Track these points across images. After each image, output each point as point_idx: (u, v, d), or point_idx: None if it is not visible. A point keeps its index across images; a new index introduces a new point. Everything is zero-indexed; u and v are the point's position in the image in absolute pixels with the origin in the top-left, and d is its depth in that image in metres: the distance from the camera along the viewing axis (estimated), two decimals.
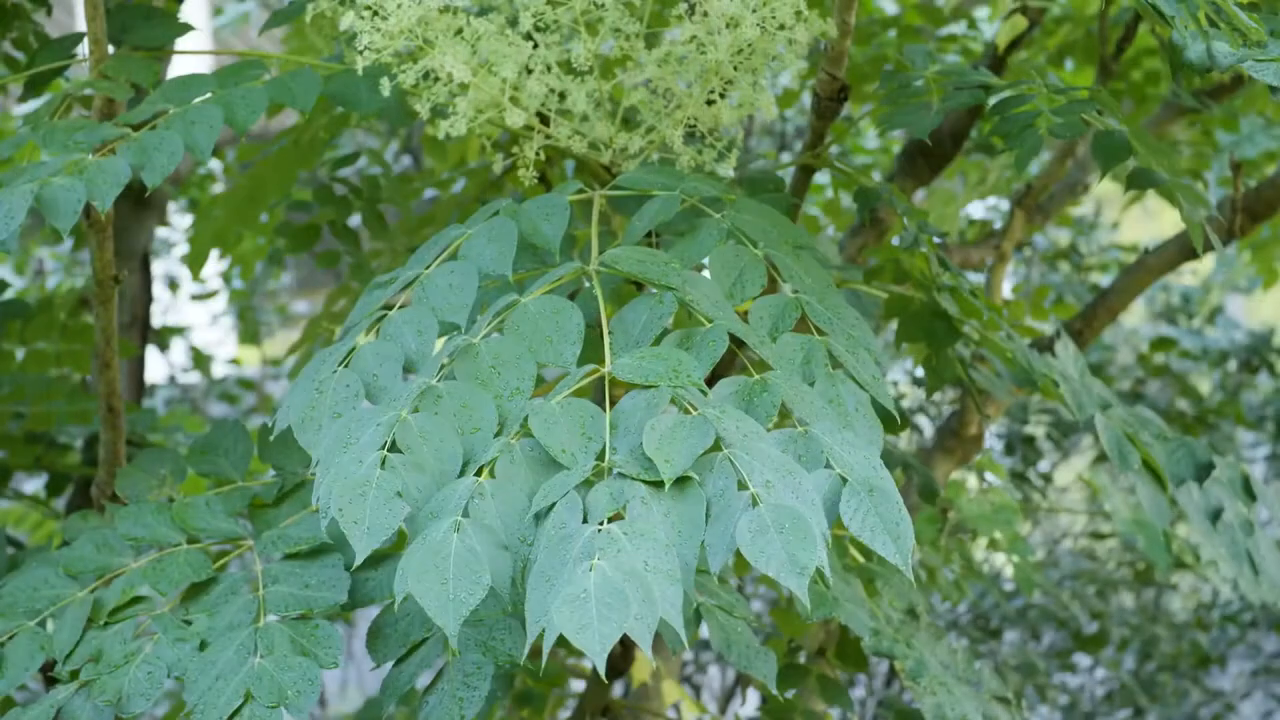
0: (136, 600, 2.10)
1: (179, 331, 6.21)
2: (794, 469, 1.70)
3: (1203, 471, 2.40)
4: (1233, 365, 6.13)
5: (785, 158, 5.63)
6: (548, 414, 1.76)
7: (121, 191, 2.12)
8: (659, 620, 1.60)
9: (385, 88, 2.24)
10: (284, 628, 1.99)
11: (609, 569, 1.61)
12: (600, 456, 1.72)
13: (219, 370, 7.13)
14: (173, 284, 6.97)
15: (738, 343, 1.88)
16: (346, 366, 1.90)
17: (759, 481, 1.67)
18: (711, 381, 1.85)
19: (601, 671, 1.58)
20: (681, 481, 1.68)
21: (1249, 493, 2.41)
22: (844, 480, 1.72)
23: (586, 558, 1.62)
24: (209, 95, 2.26)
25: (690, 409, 1.73)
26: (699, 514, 1.68)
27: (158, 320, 6.72)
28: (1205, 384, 6.34)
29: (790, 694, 2.87)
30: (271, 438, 2.05)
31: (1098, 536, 6.03)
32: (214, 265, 6.78)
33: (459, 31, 2.22)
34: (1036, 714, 5.80)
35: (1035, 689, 5.57)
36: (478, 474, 1.74)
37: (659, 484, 1.68)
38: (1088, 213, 6.11)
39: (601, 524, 1.65)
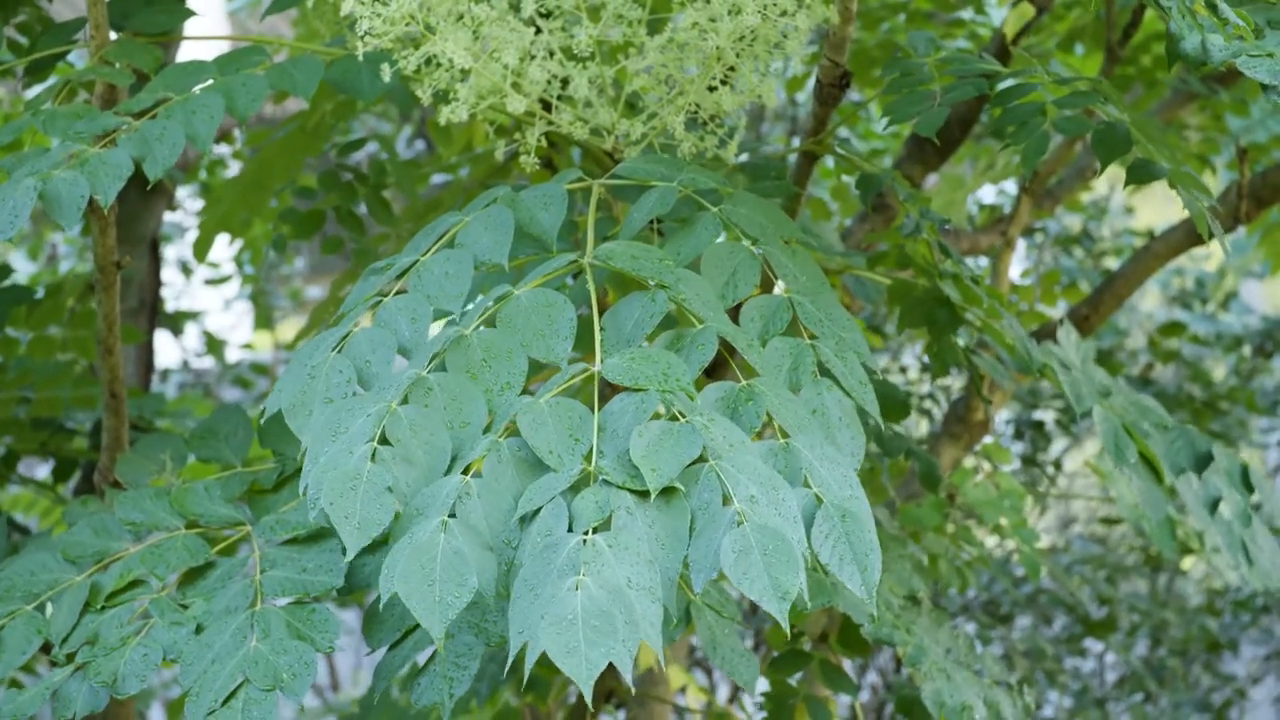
0: (134, 584, 2.11)
1: (192, 316, 6.22)
2: (778, 484, 1.70)
3: (1202, 462, 2.40)
4: (1247, 350, 6.11)
5: (796, 143, 5.62)
6: (536, 414, 1.76)
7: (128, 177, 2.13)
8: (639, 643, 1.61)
9: (386, 74, 2.24)
10: (280, 612, 2.00)
11: (594, 587, 1.61)
12: (588, 459, 1.72)
13: (232, 355, 7.14)
14: (186, 269, 6.98)
15: (729, 344, 1.88)
16: (339, 352, 1.90)
17: (743, 496, 1.67)
18: (710, 373, 1.85)
19: (588, 698, 1.59)
20: (667, 492, 1.69)
21: (1247, 484, 2.41)
22: (819, 501, 1.72)
23: (572, 571, 1.62)
24: (209, 82, 2.26)
25: (678, 416, 1.73)
26: (683, 527, 1.68)
27: (171, 305, 6.74)
28: (1220, 369, 6.32)
29: (795, 679, 2.87)
30: (263, 421, 2.05)
31: (1108, 522, 6.02)
32: (228, 250, 6.79)
33: (460, 17, 2.21)
34: (1047, 700, 5.80)
35: (1045, 675, 5.57)
36: (465, 471, 1.74)
37: (645, 493, 1.68)
38: (1101, 197, 6.10)
39: (586, 534, 1.65)
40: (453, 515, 1.71)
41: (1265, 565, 2.38)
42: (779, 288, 1.98)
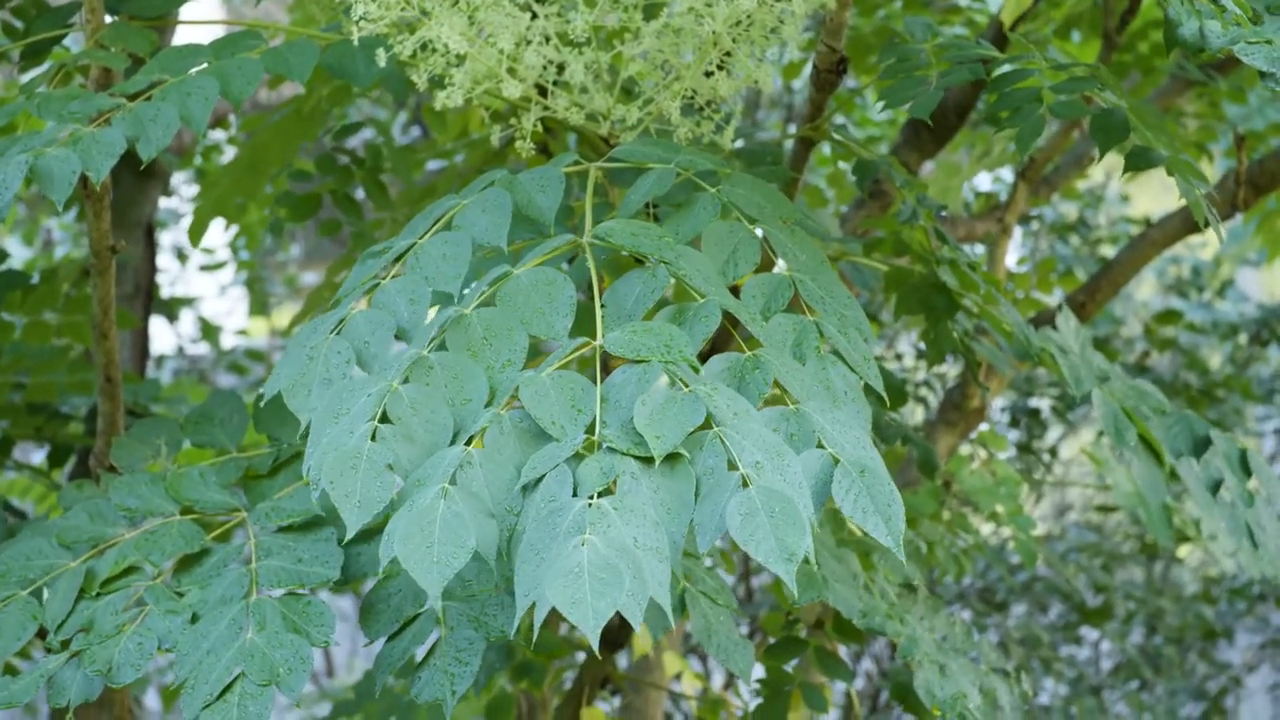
0: (129, 571, 2.10)
1: (188, 302, 6.21)
2: (783, 450, 1.70)
3: (1200, 446, 2.40)
4: (1243, 338, 6.11)
5: (793, 129, 5.61)
6: (538, 386, 1.75)
7: (123, 162, 2.12)
8: (648, 598, 1.61)
9: (381, 59, 2.23)
10: (276, 603, 1.99)
11: (600, 544, 1.61)
12: (590, 430, 1.72)
13: (227, 341, 7.14)
14: (181, 255, 6.97)
15: (733, 320, 1.88)
16: (338, 334, 1.90)
17: (749, 462, 1.67)
18: (709, 357, 1.85)
19: (595, 646, 1.59)
20: (671, 458, 1.69)
21: (1245, 468, 2.40)
22: (835, 460, 1.72)
23: (577, 532, 1.62)
24: (205, 66, 2.25)
25: (682, 385, 1.73)
26: (688, 492, 1.68)
27: (167, 291, 6.73)
28: (1216, 357, 6.32)
29: (790, 666, 2.87)
30: (263, 404, 2.04)
31: (1104, 510, 6.02)
32: (223, 236, 6.78)
33: (456, 1, 2.21)
34: (1043, 688, 5.80)
35: (1041, 662, 5.57)
36: (467, 444, 1.74)
37: (649, 460, 1.68)
38: (1097, 184, 6.09)
39: (591, 498, 1.65)
40: (453, 482, 1.71)
41: (1271, 550, 2.38)
42: (779, 266, 1.98)
